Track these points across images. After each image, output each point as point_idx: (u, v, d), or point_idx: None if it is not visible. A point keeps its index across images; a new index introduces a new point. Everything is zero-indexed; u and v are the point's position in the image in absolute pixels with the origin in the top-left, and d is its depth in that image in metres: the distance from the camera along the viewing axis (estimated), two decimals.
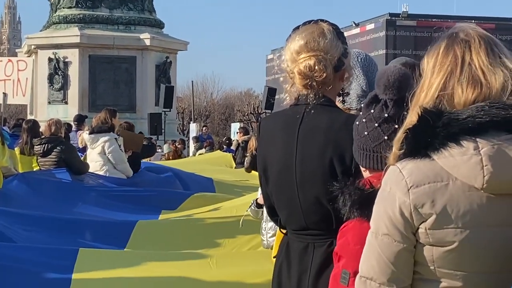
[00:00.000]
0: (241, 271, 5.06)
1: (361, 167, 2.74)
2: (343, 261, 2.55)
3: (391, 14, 44.97)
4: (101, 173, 9.82)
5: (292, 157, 3.06)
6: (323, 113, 3.04)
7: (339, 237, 2.62)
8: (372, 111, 2.69)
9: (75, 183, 9.21)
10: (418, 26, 44.01)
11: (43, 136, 9.70)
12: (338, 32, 3.10)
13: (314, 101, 3.06)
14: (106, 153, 9.86)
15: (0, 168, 8.18)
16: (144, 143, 12.45)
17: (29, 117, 24.67)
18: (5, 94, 14.83)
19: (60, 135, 9.64)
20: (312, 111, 3.05)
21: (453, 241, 2.15)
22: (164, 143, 23.08)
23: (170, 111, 26.16)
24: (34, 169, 10.05)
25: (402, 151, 2.21)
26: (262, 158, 3.23)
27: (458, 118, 2.14)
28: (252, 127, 57.73)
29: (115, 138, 9.99)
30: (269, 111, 24.01)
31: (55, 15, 29.36)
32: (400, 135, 2.24)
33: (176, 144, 22.94)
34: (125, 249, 6.60)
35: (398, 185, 2.18)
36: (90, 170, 9.70)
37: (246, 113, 65.54)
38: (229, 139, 22.40)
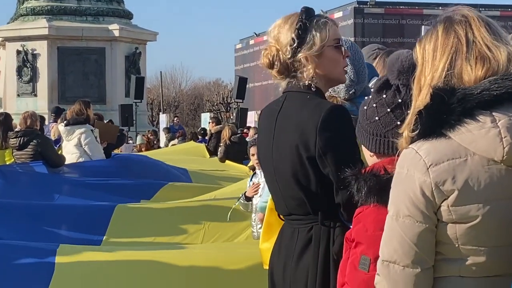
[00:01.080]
0: (228, 256, 5.07)
1: (368, 151, 2.74)
2: (362, 247, 2.54)
3: (358, 2, 45.04)
4: None
5: (270, 144, 3.12)
6: (296, 100, 3.07)
7: (355, 223, 2.63)
8: (384, 96, 2.69)
9: (52, 175, 9.17)
10: (386, 14, 44.18)
11: (18, 129, 9.62)
12: (302, 20, 3.07)
13: (290, 88, 3.11)
14: (83, 144, 9.80)
15: None
16: None
17: None
18: None
19: (36, 128, 9.57)
20: (289, 99, 3.10)
21: (476, 215, 2.18)
22: (137, 135, 22.97)
23: (141, 102, 26.07)
24: (7, 163, 9.98)
25: (415, 133, 2.22)
26: (257, 146, 3.32)
27: (473, 93, 2.16)
28: (222, 117, 57.65)
29: (91, 130, 9.94)
30: (240, 100, 24.02)
31: (22, 6, 29.09)
32: (410, 118, 2.25)
33: (148, 135, 22.84)
34: (104, 237, 6.61)
35: (416, 165, 2.19)
36: (66, 163, 9.65)
37: (216, 103, 65.37)
38: (204, 129, 22.34)
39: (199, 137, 21.50)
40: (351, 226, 2.89)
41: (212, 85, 72.77)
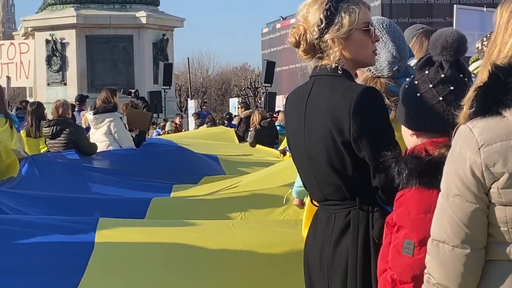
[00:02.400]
0: (266, 238, 5.04)
1: (408, 130, 2.69)
2: (405, 231, 2.50)
3: None
4: None
5: (301, 130, 3.07)
6: (325, 84, 3.02)
7: (396, 207, 2.59)
8: (426, 72, 2.65)
9: (85, 164, 9.21)
10: None
11: (51, 118, 9.66)
12: (332, 1, 3.01)
13: (317, 72, 3.07)
14: (112, 132, 9.82)
15: (16, 157, 8.15)
16: None
17: (28, 99, 24.60)
18: (8, 78, 14.73)
19: (68, 116, 9.60)
20: (318, 83, 3.05)
21: None
22: (165, 121, 23.01)
23: (169, 88, 26.11)
24: (42, 151, 10.04)
25: (473, 109, 2.16)
26: (286, 132, 3.29)
27: None
28: (249, 101, 57.62)
29: (120, 117, 9.96)
30: (269, 84, 23.95)
31: None
32: (470, 93, 2.19)
33: (176, 121, 22.92)
34: None
35: (469, 144, 2.14)
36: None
37: (243, 88, 65.36)
38: (230, 114, 22.32)
39: (225, 122, 21.48)
40: (390, 210, 2.86)
41: (239, 70, 72.74)
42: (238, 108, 18.58)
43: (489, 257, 2.21)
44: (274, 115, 18.09)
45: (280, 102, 25.20)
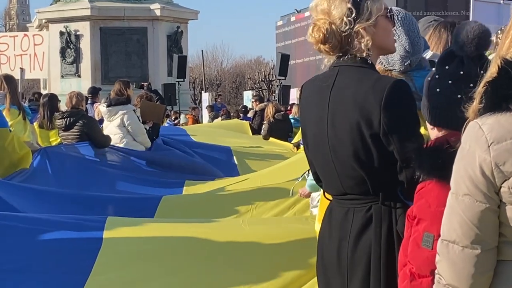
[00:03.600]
0: (276, 232, 5.02)
1: (429, 125, 2.66)
2: (425, 224, 2.46)
3: None
4: (121, 145, 9.76)
5: (324, 121, 3.01)
6: (353, 74, 2.96)
7: (417, 199, 2.55)
8: (447, 67, 2.60)
9: (97, 158, 9.20)
10: None
11: (65, 110, 9.65)
12: None
13: (342, 62, 3.01)
14: (126, 125, 9.80)
15: (29, 149, 8.15)
16: None
17: (42, 91, 24.68)
18: (22, 69, 14.73)
19: (82, 108, 9.58)
20: (343, 73, 2.99)
21: None
22: (180, 114, 23.00)
23: (183, 81, 26.08)
24: (53, 144, 10.04)
25: (482, 105, 2.11)
26: (302, 123, 3.23)
27: None
28: (263, 94, 57.55)
29: (133, 110, 9.94)
30: (283, 77, 23.88)
31: None
32: (480, 88, 2.14)
33: (192, 113, 22.92)
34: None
35: (478, 142, 2.09)
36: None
37: (257, 81, 65.31)
38: (245, 107, 22.29)
39: (241, 115, 21.46)
40: (411, 205, 2.82)
41: (253, 63, 72.69)
42: (252, 101, 18.53)
43: (501, 257, 2.16)
44: (289, 107, 18.03)
45: (294, 95, 25.13)
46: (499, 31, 6.14)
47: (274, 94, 33.55)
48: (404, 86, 2.89)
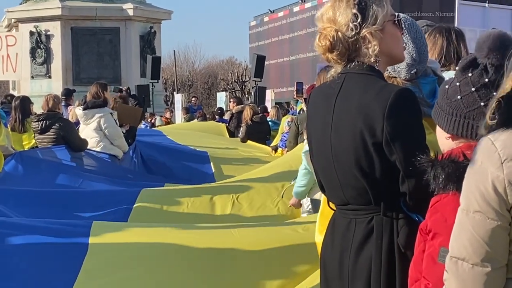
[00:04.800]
0: (265, 239, 5.00)
1: (444, 133, 2.61)
2: (441, 239, 2.41)
3: None
4: (98, 149, 9.72)
5: (328, 128, 2.99)
6: (359, 81, 2.93)
7: (431, 213, 2.50)
8: (469, 74, 2.55)
9: (74, 163, 9.10)
10: None
11: (40, 113, 9.53)
12: None
13: (349, 69, 2.98)
14: (103, 128, 9.72)
15: (1, 152, 8.02)
16: None
17: (12, 92, 24.41)
18: None
19: (58, 111, 9.48)
20: (349, 80, 2.96)
21: None
22: (154, 116, 22.86)
23: (157, 82, 25.97)
24: (26, 147, 9.92)
25: (495, 121, 2.09)
26: (308, 130, 3.22)
27: None
28: (236, 95, 57.48)
29: (110, 113, 9.85)
30: (259, 79, 23.85)
31: None
32: (493, 103, 2.12)
33: (165, 116, 22.80)
34: (128, 219, 6.60)
35: (491, 158, 2.06)
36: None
37: (230, 82, 65.26)
38: (221, 109, 22.22)
39: (216, 117, 21.37)
40: (415, 217, 2.79)
41: (225, 64, 72.65)
42: (230, 102, 18.47)
43: (510, 274, 2.14)
44: (269, 110, 17.98)
45: (269, 96, 25.11)
46: None
47: (248, 96, 33.52)
48: (410, 95, 2.87)
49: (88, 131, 9.76)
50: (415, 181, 2.66)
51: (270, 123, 14.78)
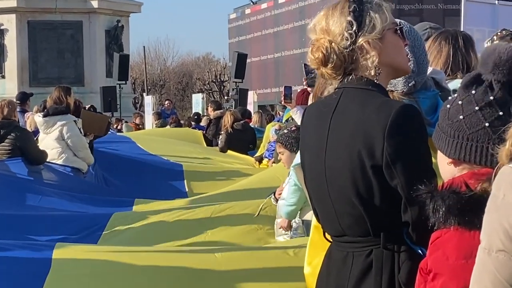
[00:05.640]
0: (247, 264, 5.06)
1: (445, 157, 2.62)
2: (442, 279, 2.41)
3: None
4: (60, 161, 9.66)
5: (322, 150, 2.97)
6: (357, 97, 2.93)
7: (432, 250, 2.50)
8: (473, 92, 2.56)
9: (32, 177, 9.06)
10: None
11: None
12: (355, 2, 2.98)
13: (346, 83, 2.98)
14: (65, 138, 9.68)
15: None
16: None
17: None
18: None
19: (14, 119, 9.44)
20: (346, 96, 2.96)
21: None
22: (121, 121, 22.80)
23: (125, 83, 25.94)
24: None
25: None
26: (301, 151, 3.20)
27: None
28: (214, 97, 57.45)
29: (74, 121, 9.81)
30: (240, 80, 23.86)
31: None
32: None
33: (135, 121, 22.74)
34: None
35: None
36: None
37: (207, 82, 65.23)
38: (198, 114, 22.15)
39: (192, 123, 21.32)
40: (419, 251, 2.79)
41: (202, 61, 72.64)
42: (208, 107, 18.44)
43: None
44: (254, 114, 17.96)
45: (251, 98, 25.11)
46: (495, 37, 6.20)
47: (227, 97, 33.41)
48: (414, 112, 2.87)
49: (48, 141, 9.71)
50: (419, 210, 2.64)
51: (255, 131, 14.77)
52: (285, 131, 6.79)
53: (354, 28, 2.92)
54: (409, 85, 3.36)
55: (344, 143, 2.90)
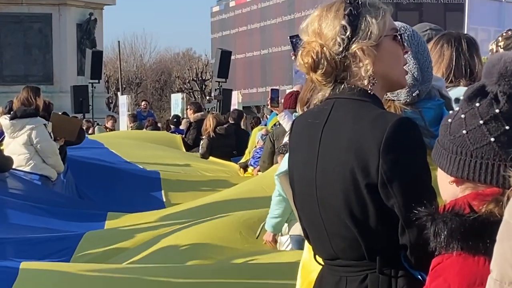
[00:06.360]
0: None
1: (447, 176, 2.62)
2: None
3: None
4: (27, 168, 9.66)
5: (312, 166, 2.97)
6: (350, 109, 2.93)
7: (432, 278, 2.51)
8: (477, 104, 2.56)
9: None
10: None
11: None
12: (352, 4, 2.99)
13: (338, 94, 2.96)
14: (34, 143, 9.68)
15: None
16: None
17: None
18: None
19: None
20: (338, 108, 2.96)
21: None
22: (93, 124, 22.78)
23: (98, 83, 25.88)
24: None
25: None
26: (289, 167, 3.18)
27: None
28: (195, 97, 57.45)
29: (44, 124, 9.81)
30: (223, 79, 23.84)
31: None
32: None
33: (107, 125, 22.70)
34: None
35: None
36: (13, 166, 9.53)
37: (187, 80, 65.22)
38: (178, 117, 22.10)
39: (171, 126, 21.29)
40: (418, 276, 2.80)
41: (181, 58, 72.63)
42: (187, 109, 18.39)
43: None
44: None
45: (235, 99, 25.13)
46: (500, 38, 6.23)
47: (208, 97, 33.35)
48: (411, 126, 2.87)
49: (15, 146, 9.70)
50: (417, 232, 2.65)
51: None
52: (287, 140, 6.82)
53: (348, 33, 2.91)
54: (413, 94, 3.36)
55: (336, 160, 2.90)
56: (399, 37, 3.02)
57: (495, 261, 2.14)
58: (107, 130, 21.59)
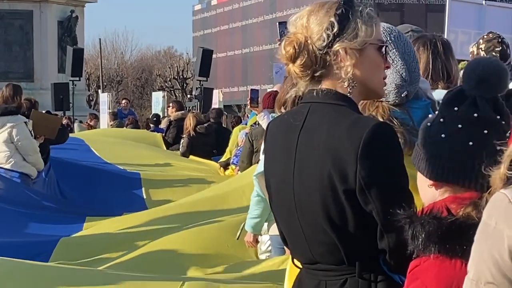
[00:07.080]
0: None
1: (426, 179, 2.64)
2: None
3: None
4: (7, 166, 9.63)
5: (290, 171, 2.95)
6: (327, 113, 2.91)
7: (410, 280, 2.52)
8: (456, 109, 2.59)
9: None
10: None
11: None
12: (344, 6, 2.99)
13: (315, 97, 2.94)
14: (14, 141, 9.65)
15: None
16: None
17: None
18: None
19: None
20: (315, 111, 2.94)
21: None
22: (73, 121, 22.73)
23: (79, 80, 25.79)
24: None
25: None
26: (266, 171, 3.16)
27: None
28: (176, 95, 57.36)
29: (25, 122, 9.78)
30: (204, 78, 23.81)
31: None
32: (510, 151, 2.11)
33: (89, 122, 22.65)
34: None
35: (507, 220, 2.05)
36: None
37: (168, 79, 65.11)
38: (157, 116, 22.08)
39: (151, 125, 21.25)
40: (397, 279, 2.82)
41: (163, 56, 72.53)
42: (169, 107, 18.34)
43: None
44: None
45: (216, 98, 25.11)
46: (481, 40, 6.26)
47: (190, 95, 33.31)
48: (388, 131, 2.87)
49: None
50: (396, 236, 2.65)
51: None
52: None
53: (335, 30, 2.89)
54: (402, 95, 3.38)
55: (313, 164, 2.89)
56: (384, 50, 3.00)
57: (472, 261, 2.16)
58: (89, 127, 21.52)
